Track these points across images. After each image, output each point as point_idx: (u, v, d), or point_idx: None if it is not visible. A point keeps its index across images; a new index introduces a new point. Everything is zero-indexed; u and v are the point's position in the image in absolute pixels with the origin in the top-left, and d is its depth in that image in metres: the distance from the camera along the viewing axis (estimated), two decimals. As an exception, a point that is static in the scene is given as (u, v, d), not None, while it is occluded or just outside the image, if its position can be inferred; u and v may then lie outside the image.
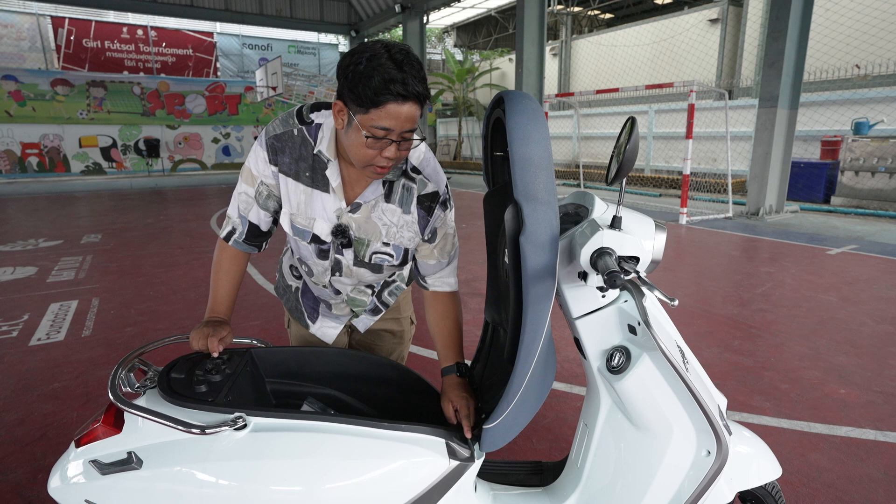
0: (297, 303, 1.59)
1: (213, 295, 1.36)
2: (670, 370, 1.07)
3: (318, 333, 1.57)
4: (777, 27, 7.55)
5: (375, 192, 1.28)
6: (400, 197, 1.29)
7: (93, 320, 3.79)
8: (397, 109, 1.07)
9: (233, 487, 1.01)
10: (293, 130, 1.26)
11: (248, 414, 1.06)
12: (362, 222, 1.30)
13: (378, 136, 1.10)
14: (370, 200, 1.28)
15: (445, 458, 1.12)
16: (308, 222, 1.31)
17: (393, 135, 1.10)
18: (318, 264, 1.38)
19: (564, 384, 2.77)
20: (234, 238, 1.36)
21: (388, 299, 1.60)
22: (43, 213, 9.20)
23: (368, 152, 1.13)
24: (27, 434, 2.33)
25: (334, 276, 1.41)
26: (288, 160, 1.26)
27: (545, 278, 1.00)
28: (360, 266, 1.37)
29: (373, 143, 1.11)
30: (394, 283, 1.59)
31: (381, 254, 1.34)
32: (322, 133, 1.25)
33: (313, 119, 1.26)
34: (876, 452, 2.18)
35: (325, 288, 1.45)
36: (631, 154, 0.94)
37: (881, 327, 3.54)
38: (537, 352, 1.05)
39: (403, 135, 1.12)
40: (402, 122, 1.09)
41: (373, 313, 1.59)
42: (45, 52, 16.68)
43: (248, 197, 1.32)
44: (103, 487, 1.03)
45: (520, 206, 0.98)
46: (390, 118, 1.08)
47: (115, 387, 1.08)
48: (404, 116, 1.08)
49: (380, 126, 1.08)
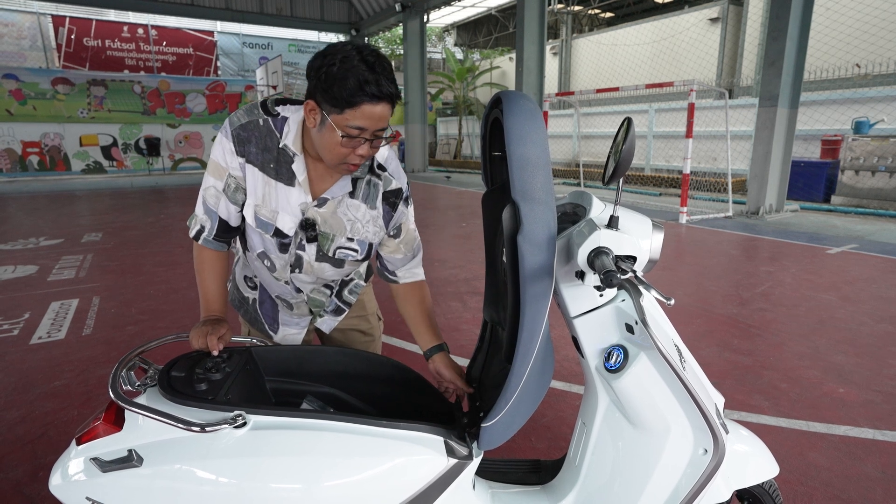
0: (255, 314, 1.59)
1: (203, 295, 1.36)
2: (667, 369, 1.08)
3: (282, 341, 1.58)
4: (777, 26, 7.55)
5: (344, 188, 1.31)
6: (364, 193, 1.33)
7: (93, 319, 3.80)
8: (371, 109, 1.11)
9: (233, 485, 1.02)
10: (258, 120, 1.27)
11: (247, 412, 1.06)
12: (328, 217, 1.33)
13: (353, 135, 1.14)
14: (337, 196, 1.31)
15: (444, 456, 1.13)
16: (271, 215, 1.32)
17: (367, 133, 1.15)
18: (280, 258, 1.39)
19: (563, 383, 2.78)
20: (203, 236, 1.35)
21: (350, 298, 1.61)
22: (43, 211, 9.21)
23: (342, 150, 1.16)
24: (28, 432, 2.34)
25: (294, 273, 1.41)
26: (254, 150, 1.27)
27: (543, 277, 1.01)
28: (322, 261, 1.38)
29: (347, 142, 1.15)
30: (352, 282, 1.60)
31: (345, 249, 1.37)
32: (288, 127, 1.27)
33: (279, 112, 1.28)
34: (874, 451, 2.18)
35: (286, 284, 1.45)
36: (627, 154, 0.95)
37: (880, 326, 3.55)
38: (535, 350, 1.06)
39: (376, 133, 1.16)
40: (375, 122, 1.14)
41: (335, 314, 1.60)
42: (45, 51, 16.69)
43: (217, 191, 1.31)
44: (104, 485, 1.03)
45: (517, 206, 0.99)
46: (365, 118, 1.12)
47: (115, 385, 1.08)
48: (378, 116, 1.13)
49: (354, 125, 1.13)
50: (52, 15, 16.55)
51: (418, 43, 15.45)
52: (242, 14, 16.64)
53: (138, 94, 15.75)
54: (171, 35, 18.37)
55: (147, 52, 18.04)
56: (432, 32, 26.10)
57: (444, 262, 5.40)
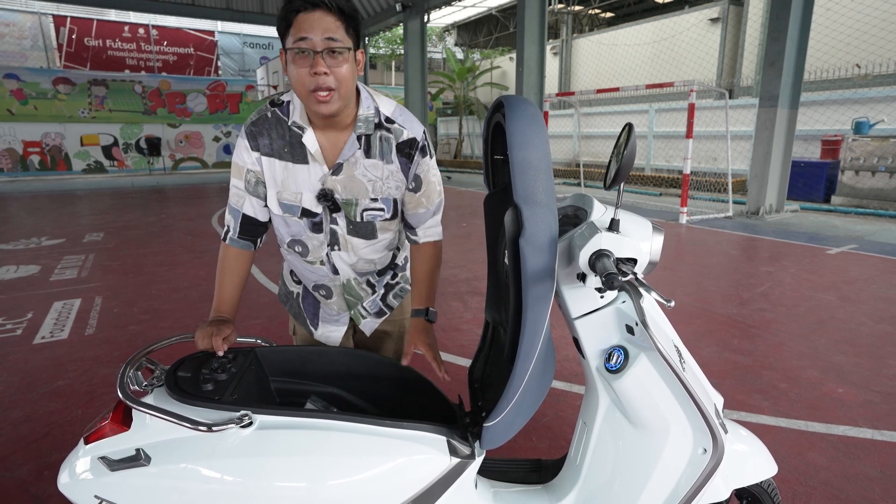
0: (299, 308, 1.61)
1: (218, 295, 1.39)
2: (667, 370, 1.09)
3: (322, 338, 1.60)
4: (777, 27, 7.56)
5: (353, 147, 1.32)
6: (379, 149, 1.34)
7: (96, 319, 3.81)
8: (307, 18, 1.15)
9: (239, 483, 1.03)
10: (267, 114, 1.33)
11: (253, 412, 1.08)
12: (347, 182, 1.34)
13: (301, 48, 1.16)
14: (349, 157, 1.32)
15: (446, 455, 1.14)
16: (295, 197, 1.35)
17: (314, 45, 1.15)
18: (312, 238, 1.41)
19: (564, 383, 2.79)
20: (229, 236, 1.40)
21: (393, 302, 1.62)
22: (45, 211, 9.23)
23: (303, 75, 1.18)
24: (32, 431, 2.35)
25: (333, 250, 1.43)
26: (267, 141, 1.32)
27: (544, 280, 1.02)
28: (354, 234, 1.40)
29: (301, 60, 1.17)
30: (398, 286, 1.61)
31: (372, 210, 1.38)
32: (293, 106, 1.31)
33: (283, 100, 1.33)
34: (873, 451, 2.20)
35: (321, 265, 1.45)
36: (628, 159, 0.96)
37: (880, 327, 3.56)
38: (536, 352, 1.07)
39: (327, 43, 1.16)
40: (315, 30, 1.15)
41: (378, 316, 1.61)
42: (46, 51, 16.71)
43: (239, 189, 1.37)
44: (112, 483, 1.05)
45: (519, 209, 1.00)
46: (303, 29, 1.15)
47: (123, 385, 1.10)
48: (316, 23, 1.15)
49: (297, 38, 1.16)
50: (54, 15, 16.57)
51: (419, 43, 15.45)
52: (243, 14, 16.64)
53: (139, 93, 15.77)
54: (171, 35, 18.38)
55: (148, 51, 18.06)
56: (433, 32, 26.11)
57: (444, 262, 5.38)
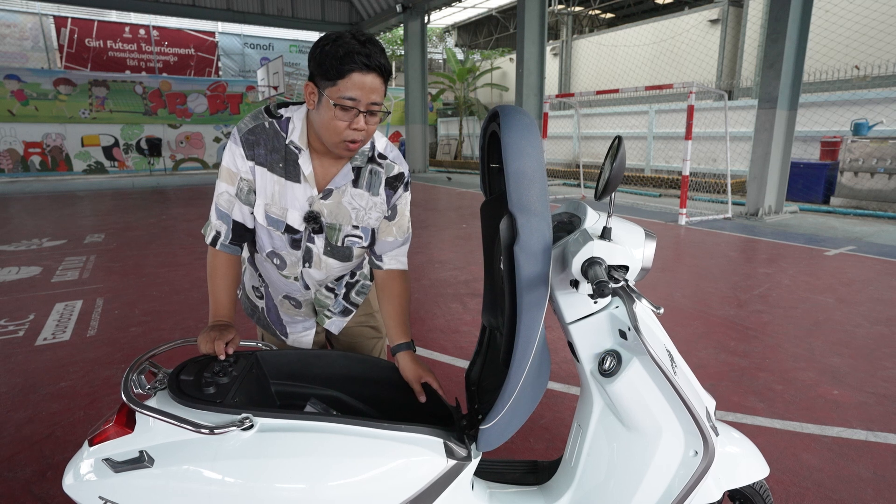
0: (266, 322, 1.65)
1: (214, 300, 1.40)
2: (659, 374, 1.12)
3: (295, 343, 1.63)
4: (776, 28, 7.58)
5: (346, 177, 1.37)
6: (367, 181, 1.40)
7: (97, 320, 3.84)
8: (362, 79, 1.19)
9: (240, 485, 1.06)
10: (264, 124, 1.34)
11: (254, 415, 1.10)
12: (333, 208, 1.38)
13: (346, 106, 1.20)
14: (341, 186, 1.37)
15: (443, 457, 1.17)
16: (282, 212, 1.37)
17: (360, 105, 1.21)
18: (291, 254, 1.44)
19: (562, 384, 2.81)
20: (220, 241, 1.40)
21: (357, 299, 1.65)
22: (46, 212, 9.25)
23: (339, 125, 1.22)
24: (35, 432, 2.38)
25: (305, 268, 1.46)
26: (263, 151, 1.34)
27: (538, 286, 1.05)
28: (330, 256, 1.44)
29: (342, 114, 1.21)
30: (359, 283, 1.65)
31: (352, 237, 1.43)
32: (293, 125, 1.34)
33: (282, 114, 1.35)
34: (866, 452, 2.22)
35: (295, 281, 1.49)
36: (618, 171, 0.99)
37: (876, 328, 3.58)
38: (531, 356, 1.09)
39: (370, 106, 1.22)
40: (367, 93, 1.20)
41: (343, 314, 1.64)
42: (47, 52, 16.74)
43: (230, 196, 1.38)
44: (116, 485, 1.07)
45: (514, 218, 1.03)
46: (356, 88, 1.19)
47: (127, 388, 1.12)
48: (369, 86, 1.20)
49: (347, 96, 1.19)
50: (55, 16, 16.60)
51: (419, 43, 15.48)
52: (243, 15, 16.68)
53: (140, 94, 15.80)
54: (172, 36, 18.41)
55: (148, 52, 18.09)
56: (433, 33, 26.12)
57: (444, 264, 5.44)
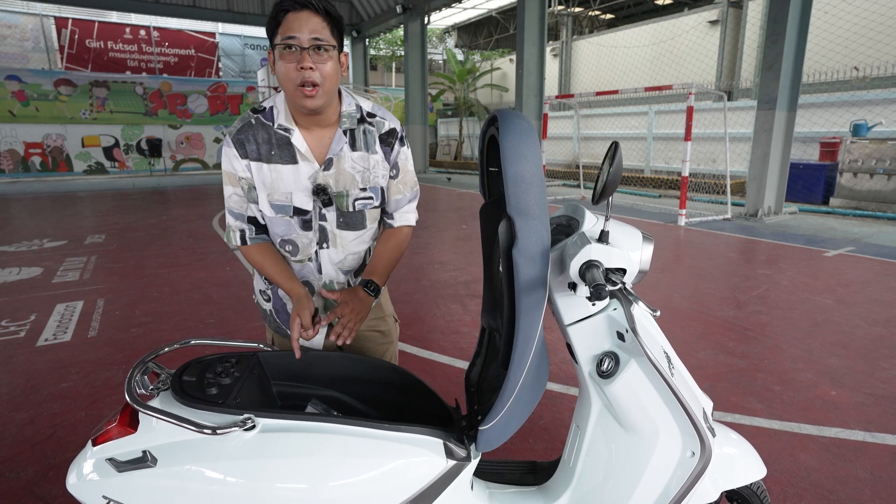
0: (276, 323, 1.65)
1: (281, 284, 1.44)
2: (657, 375, 1.13)
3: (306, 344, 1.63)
4: (776, 29, 7.60)
5: (340, 142, 1.40)
6: (363, 141, 1.43)
7: (98, 321, 3.85)
8: (296, 17, 1.24)
9: (242, 485, 1.07)
10: (250, 121, 1.39)
11: (256, 415, 1.12)
12: (338, 175, 1.42)
13: (288, 44, 1.24)
14: (338, 152, 1.40)
15: (443, 457, 1.18)
16: (285, 197, 1.41)
17: (301, 41, 1.24)
18: (302, 236, 1.46)
19: (561, 385, 2.83)
20: (248, 237, 1.46)
21: None
22: (46, 212, 9.27)
23: (289, 71, 1.26)
24: (37, 433, 2.39)
25: (321, 248, 1.48)
26: (254, 146, 1.38)
27: (537, 289, 1.06)
28: (344, 227, 1.47)
29: (288, 55, 1.25)
30: None
31: (362, 199, 1.46)
32: (276, 110, 1.39)
33: (265, 106, 1.41)
34: (864, 453, 2.23)
35: (309, 262, 1.51)
36: (614, 177, 1.00)
37: (874, 329, 3.59)
38: (530, 357, 1.11)
39: (313, 41, 1.25)
40: (303, 29, 1.24)
41: None
42: (48, 53, 16.77)
43: (239, 196, 1.43)
44: (120, 484, 1.08)
45: (513, 221, 1.04)
46: (291, 28, 1.24)
47: (131, 389, 1.14)
48: (304, 23, 1.24)
49: (285, 37, 1.24)
50: (55, 17, 16.61)
51: (419, 44, 15.50)
52: (244, 15, 16.70)
53: (140, 95, 15.82)
54: (172, 36, 18.42)
55: (149, 53, 18.10)
56: (433, 34, 26.14)
57: (444, 265, 5.45)
